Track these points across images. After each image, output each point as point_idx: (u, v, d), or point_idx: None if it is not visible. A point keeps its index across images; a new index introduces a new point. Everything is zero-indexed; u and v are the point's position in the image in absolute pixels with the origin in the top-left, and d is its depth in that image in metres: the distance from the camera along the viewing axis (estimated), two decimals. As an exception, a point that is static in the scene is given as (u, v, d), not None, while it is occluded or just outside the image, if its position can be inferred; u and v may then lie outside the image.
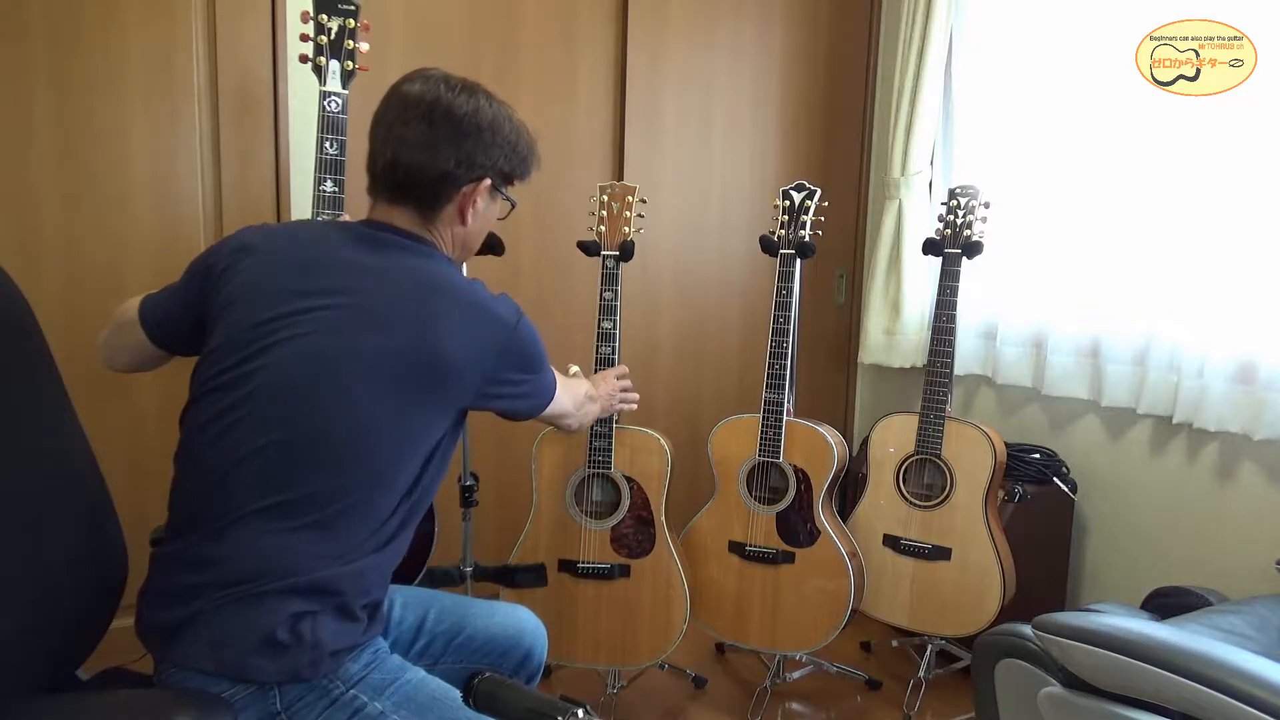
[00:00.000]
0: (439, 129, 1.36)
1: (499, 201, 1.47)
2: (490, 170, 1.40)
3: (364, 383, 1.24)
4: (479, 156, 1.38)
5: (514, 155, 1.43)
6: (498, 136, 1.40)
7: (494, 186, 1.42)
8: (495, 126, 1.39)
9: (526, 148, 1.46)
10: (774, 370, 2.26)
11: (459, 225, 1.41)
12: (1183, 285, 2.34)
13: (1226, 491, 2.34)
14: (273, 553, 1.20)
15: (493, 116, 1.40)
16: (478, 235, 1.47)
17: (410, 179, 1.36)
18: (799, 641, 2.30)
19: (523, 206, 2.74)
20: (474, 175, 1.38)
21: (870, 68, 3.21)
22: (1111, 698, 1.31)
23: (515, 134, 1.43)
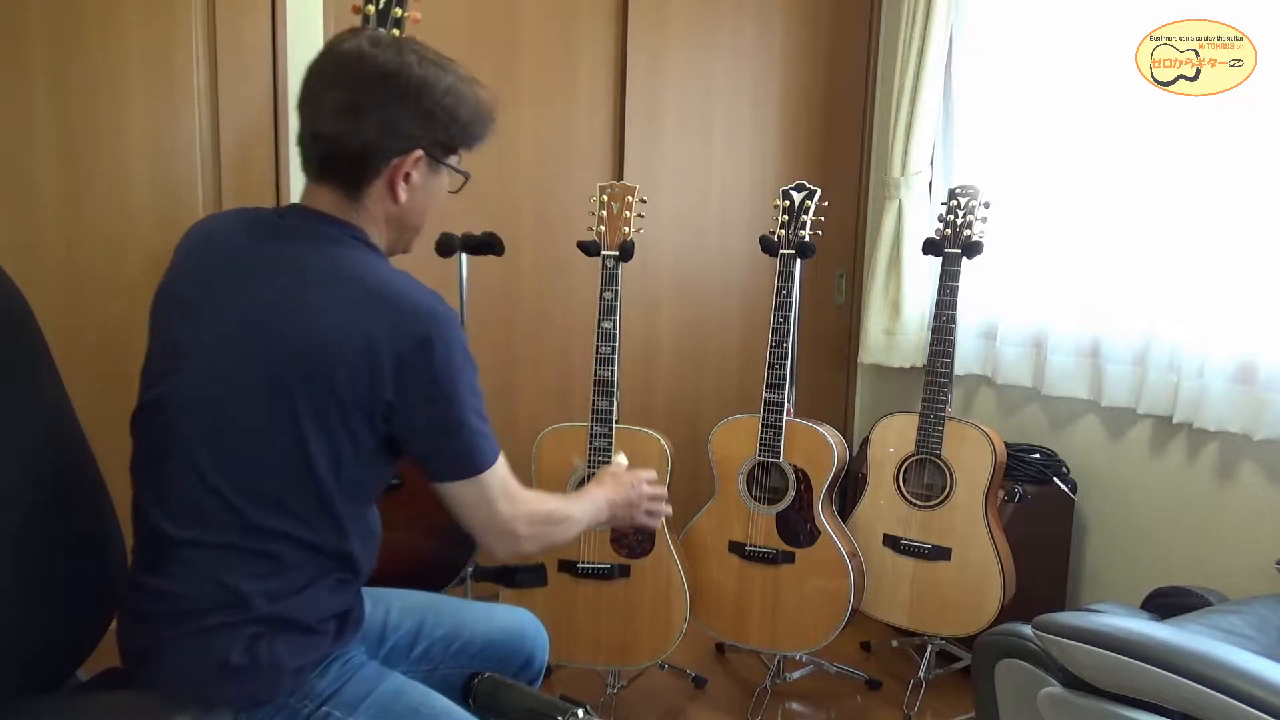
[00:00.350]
0: (358, 93, 1.19)
1: (443, 174, 1.29)
2: (423, 140, 1.23)
3: (256, 407, 1.15)
4: (406, 124, 1.21)
5: (452, 121, 1.25)
6: (428, 100, 1.22)
7: (432, 158, 1.25)
8: (425, 89, 1.21)
9: (470, 112, 1.26)
10: (774, 370, 2.26)
11: (390, 203, 1.24)
12: (1183, 285, 2.34)
13: (1226, 491, 2.34)
14: (221, 591, 1.15)
15: (422, 77, 1.21)
16: (419, 213, 1.29)
17: (331, 153, 1.21)
18: (799, 641, 2.30)
19: (523, 206, 2.77)
20: (402, 146, 1.21)
21: (870, 68, 3.21)
22: (1111, 698, 1.31)
23: (453, 96, 1.24)
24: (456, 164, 1.30)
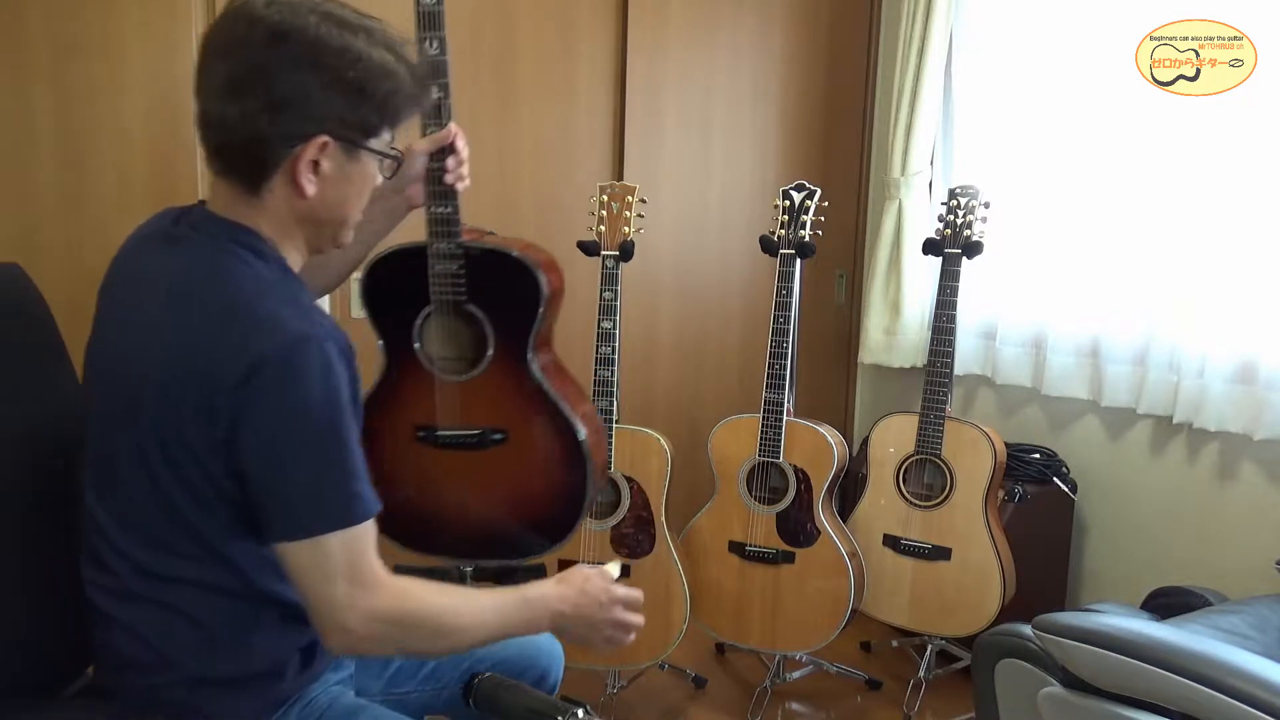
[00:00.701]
0: (242, 65, 1.00)
1: (365, 160, 1.08)
2: (328, 122, 1.02)
3: (120, 444, 1.05)
4: (304, 104, 1.01)
5: (364, 97, 1.03)
6: (329, 71, 1.01)
7: (346, 142, 1.05)
8: (325, 57, 1.00)
9: (389, 84, 1.05)
10: (774, 370, 2.26)
11: (297, 199, 1.05)
12: (1183, 285, 2.34)
13: (1227, 491, 2.34)
14: (145, 650, 1.07)
15: (320, 41, 1.00)
16: (337, 206, 1.09)
17: (220, 142, 1.03)
18: (799, 641, 2.30)
19: (523, 206, 2.77)
20: (301, 131, 1.02)
21: (870, 68, 3.21)
22: (1111, 698, 1.31)
23: (362, 66, 1.02)
24: (384, 145, 1.10)
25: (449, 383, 1.59)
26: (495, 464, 1.61)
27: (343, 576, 1.01)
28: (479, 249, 1.54)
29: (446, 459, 1.62)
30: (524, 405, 1.59)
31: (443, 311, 1.56)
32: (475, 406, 1.60)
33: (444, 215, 1.50)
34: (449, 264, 1.52)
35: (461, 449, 1.61)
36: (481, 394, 1.59)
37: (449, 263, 1.52)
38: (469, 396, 1.60)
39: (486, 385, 1.59)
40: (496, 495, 1.64)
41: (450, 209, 1.49)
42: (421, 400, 1.61)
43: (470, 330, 1.58)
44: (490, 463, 1.61)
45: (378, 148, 1.09)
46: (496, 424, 1.60)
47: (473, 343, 1.59)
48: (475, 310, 1.56)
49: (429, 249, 1.53)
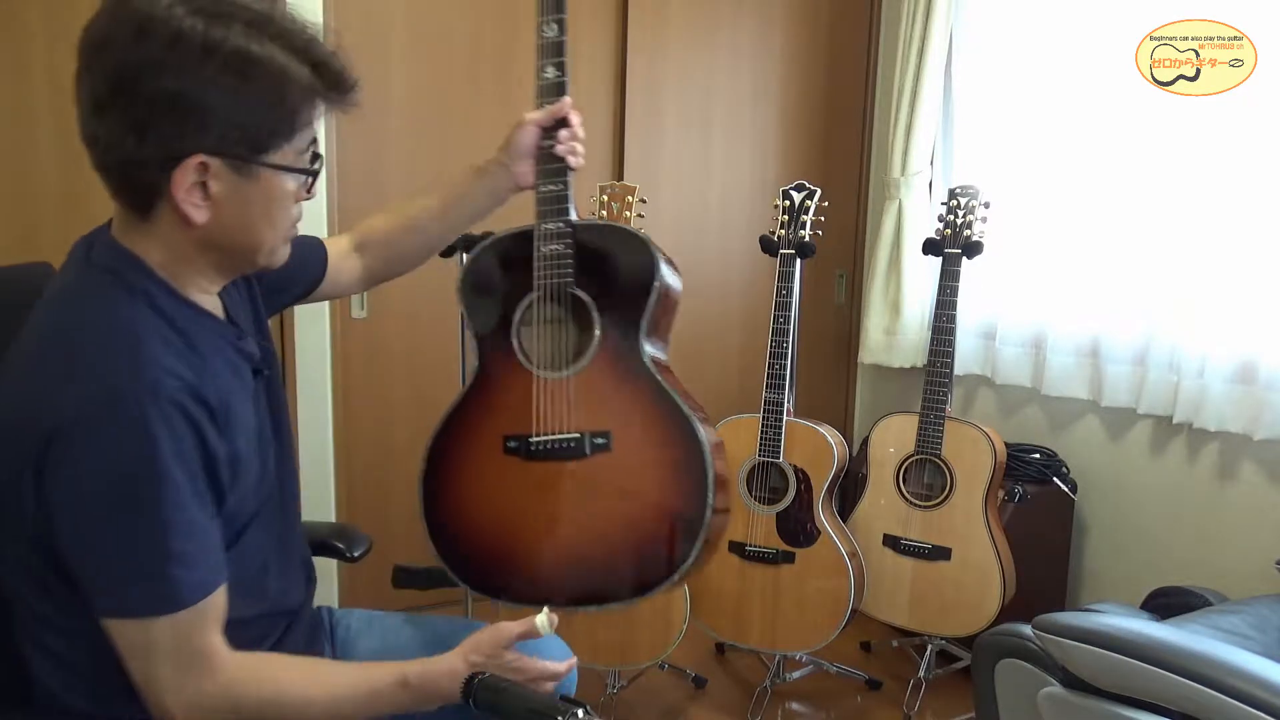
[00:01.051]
0: (106, 74, 0.86)
1: (267, 178, 0.93)
2: (204, 139, 0.87)
3: None
4: (169, 120, 0.86)
5: (242, 105, 0.88)
6: (195, 77, 0.85)
7: (233, 160, 0.90)
8: (187, 60, 0.84)
9: (275, 87, 0.88)
10: (774, 370, 2.26)
11: (186, 227, 0.92)
12: (1183, 285, 2.34)
13: (1227, 491, 2.34)
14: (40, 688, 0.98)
15: (180, 42, 0.84)
16: (244, 231, 0.95)
17: (98, 163, 0.91)
18: (799, 641, 2.30)
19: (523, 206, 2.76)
20: (172, 152, 0.87)
21: (870, 68, 3.21)
22: (1111, 698, 1.31)
23: (238, 65, 0.86)
24: (294, 156, 0.94)
25: (548, 381, 1.38)
26: (595, 477, 1.36)
27: (167, 660, 0.91)
28: (589, 224, 1.41)
29: (539, 474, 1.37)
30: (631, 402, 1.37)
31: (547, 299, 1.39)
32: (577, 408, 1.37)
33: (555, 193, 1.39)
34: (557, 244, 1.38)
35: (557, 458, 1.36)
36: (584, 393, 1.37)
37: (557, 243, 1.38)
38: (570, 396, 1.38)
39: (590, 382, 1.38)
40: (593, 517, 1.37)
41: (561, 186, 1.39)
42: (515, 406, 1.39)
43: (576, 321, 1.40)
44: (589, 476, 1.36)
45: (279, 162, 0.93)
46: (598, 426, 1.36)
47: (578, 334, 1.40)
48: (582, 294, 1.38)
49: (536, 229, 1.40)
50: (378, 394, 2.56)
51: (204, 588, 0.91)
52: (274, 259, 1.02)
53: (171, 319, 0.94)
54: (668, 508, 1.33)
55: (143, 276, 0.95)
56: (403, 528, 2.59)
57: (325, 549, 1.47)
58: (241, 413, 1.00)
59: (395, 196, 2.49)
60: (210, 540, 0.93)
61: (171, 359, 0.91)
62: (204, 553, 0.92)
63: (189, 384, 0.90)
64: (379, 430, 2.57)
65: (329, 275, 1.34)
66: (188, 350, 0.94)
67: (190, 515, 0.90)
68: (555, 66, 1.45)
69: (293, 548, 1.18)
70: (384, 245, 1.41)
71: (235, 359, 1.02)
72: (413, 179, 2.51)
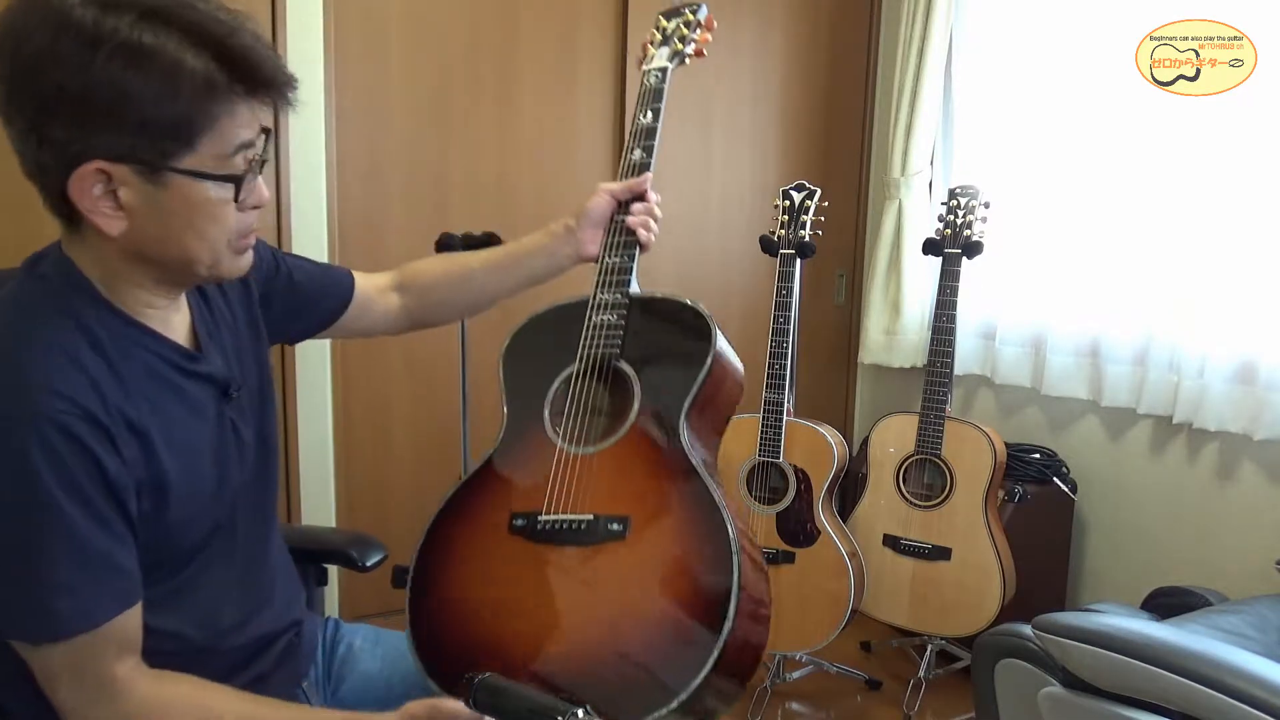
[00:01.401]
0: (9, 64, 0.82)
1: (182, 185, 0.86)
2: (96, 143, 0.82)
3: None
4: (60, 120, 0.81)
5: (144, 106, 0.81)
6: (79, 73, 0.79)
7: (139, 165, 0.84)
8: (72, 54, 0.78)
9: (166, 86, 0.81)
10: (774, 370, 2.26)
11: (107, 238, 0.88)
12: (1183, 285, 2.34)
13: (1226, 491, 2.34)
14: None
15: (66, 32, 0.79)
16: (165, 243, 0.89)
17: (21, 169, 0.88)
18: (799, 641, 2.30)
19: (523, 206, 2.77)
20: (67, 156, 0.83)
21: (870, 68, 3.21)
22: (1111, 698, 1.31)
23: (123, 60, 0.79)
24: (208, 165, 0.86)
25: (571, 456, 1.24)
26: (603, 568, 1.16)
27: (68, 685, 0.89)
28: (647, 296, 1.33)
29: (542, 558, 1.19)
30: (657, 488, 1.20)
31: (589, 370, 1.29)
32: (594, 489, 1.21)
33: (618, 265, 1.34)
34: (610, 315, 1.31)
35: (564, 542, 1.18)
36: (607, 472, 1.22)
37: (611, 313, 1.31)
38: (591, 475, 1.22)
39: (618, 462, 1.23)
40: (590, 615, 1.15)
41: (627, 259, 1.34)
42: (532, 482, 1.24)
43: (616, 396, 1.29)
44: (597, 566, 1.16)
45: (192, 167, 0.85)
46: (615, 510, 1.18)
47: (615, 410, 1.29)
48: (626, 367, 1.28)
49: (593, 297, 1.33)
50: (377, 395, 2.56)
51: (90, 616, 0.87)
52: (221, 271, 0.95)
53: (95, 337, 0.90)
54: (677, 618, 1.11)
55: (75, 290, 0.91)
56: (402, 528, 2.59)
57: (337, 558, 1.42)
58: (181, 436, 0.96)
59: (395, 196, 2.50)
60: (110, 566, 0.88)
61: (67, 381, 0.86)
62: (96, 581, 0.87)
63: (81, 406, 0.85)
64: (379, 431, 2.57)
65: (358, 309, 1.30)
66: (105, 370, 0.89)
67: (79, 543, 0.85)
68: (644, 150, 1.46)
69: (263, 572, 1.12)
70: (428, 289, 1.38)
71: (177, 379, 0.97)
72: (413, 179, 2.51)
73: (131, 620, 0.91)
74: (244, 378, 1.08)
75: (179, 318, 1.01)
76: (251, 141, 0.90)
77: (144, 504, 0.92)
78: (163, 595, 0.96)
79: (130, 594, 0.91)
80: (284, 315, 1.21)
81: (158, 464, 0.92)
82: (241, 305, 1.13)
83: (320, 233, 2.38)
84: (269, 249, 1.22)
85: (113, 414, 0.88)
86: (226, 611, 1.05)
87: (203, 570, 1.02)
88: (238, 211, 0.92)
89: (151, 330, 0.96)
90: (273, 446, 1.13)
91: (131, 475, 0.89)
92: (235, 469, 1.04)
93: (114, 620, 0.89)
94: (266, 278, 1.19)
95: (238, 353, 1.09)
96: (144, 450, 0.91)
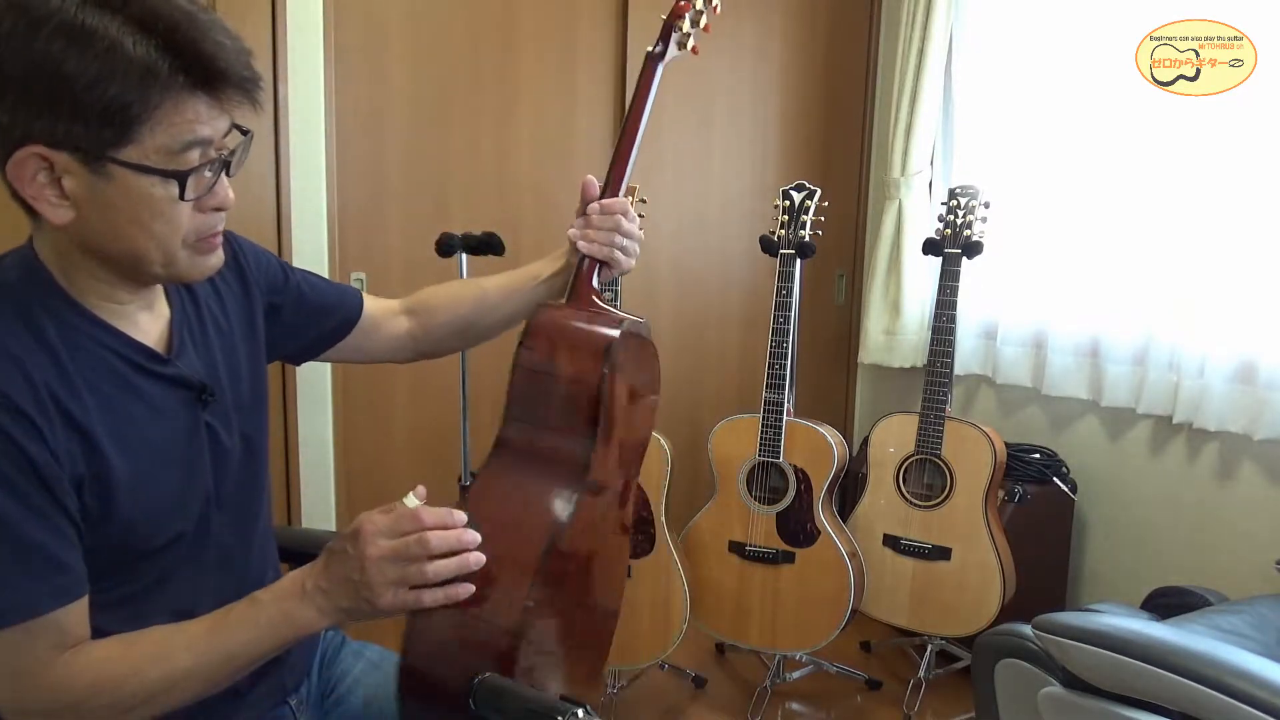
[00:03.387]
0: None
1: (126, 178, 0.84)
2: (34, 127, 0.81)
3: None
4: (2, 109, 0.81)
5: (80, 90, 0.79)
6: (15, 55, 0.78)
7: (79, 154, 0.82)
8: (19, 36, 0.78)
9: (111, 65, 0.79)
10: (774, 370, 2.26)
11: (53, 227, 0.87)
12: (1183, 285, 2.34)
13: (1226, 491, 2.34)
14: None
15: (12, 15, 0.78)
16: (113, 238, 0.88)
17: None
18: (799, 641, 2.30)
19: (523, 206, 2.77)
20: (8, 140, 0.82)
21: (870, 68, 3.21)
22: (1111, 698, 1.31)
23: (64, 39, 0.78)
24: (152, 159, 0.84)
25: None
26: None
27: (3, 678, 0.87)
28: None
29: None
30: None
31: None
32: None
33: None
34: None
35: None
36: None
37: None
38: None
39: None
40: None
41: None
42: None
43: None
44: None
45: (134, 159, 0.83)
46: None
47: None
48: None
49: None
50: (377, 395, 2.56)
51: (19, 610, 0.84)
52: (180, 270, 0.93)
53: (39, 326, 0.88)
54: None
55: (30, 278, 0.90)
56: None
57: None
58: (135, 435, 0.93)
59: (395, 196, 2.50)
60: (44, 558, 0.86)
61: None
62: (29, 574, 0.85)
63: (3, 395, 0.83)
64: (379, 432, 2.57)
65: (364, 330, 1.28)
66: (44, 361, 0.87)
67: (9, 534, 0.84)
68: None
69: (243, 580, 1.08)
70: (436, 311, 1.35)
71: (136, 379, 0.95)
72: (413, 179, 2.51)
73: (71, 616, 0.88)
74: (230, 382, 1.06)
75: (149, 316, 0.99)
76: (209, 139, 0.87)
77: (87, 500, 0.89)
78: (121, 599, 0.94)
79: (69, 589, 0.88)
80: (290, 328, 1.20)
81: (102, 461, 0.90)
82: (240, 312, 1.12)
83: (320, 233, 2.38)
84: (279, 262, 1.21)
85: (44, 405, 0.86)
86: (197, 618, 1.01)
87: (167, 576, 0.99)
88: (196, 211, 0.90)
89: (110, 326, 0.94)
90: (258, 451, 1.11)
91: (65, 468, 0.87)
92: (208, 475, 1.02)
93: (50, 615, 0.86)
94: (274, 288, 1.18)
95: (225, 356, 1.07)
96: (84, 445, 0.89)
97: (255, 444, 1.10)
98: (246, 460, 1.09)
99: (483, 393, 2.32)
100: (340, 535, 0.94)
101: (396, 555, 0.90)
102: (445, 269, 2.11)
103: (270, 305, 1.17)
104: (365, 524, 0.91)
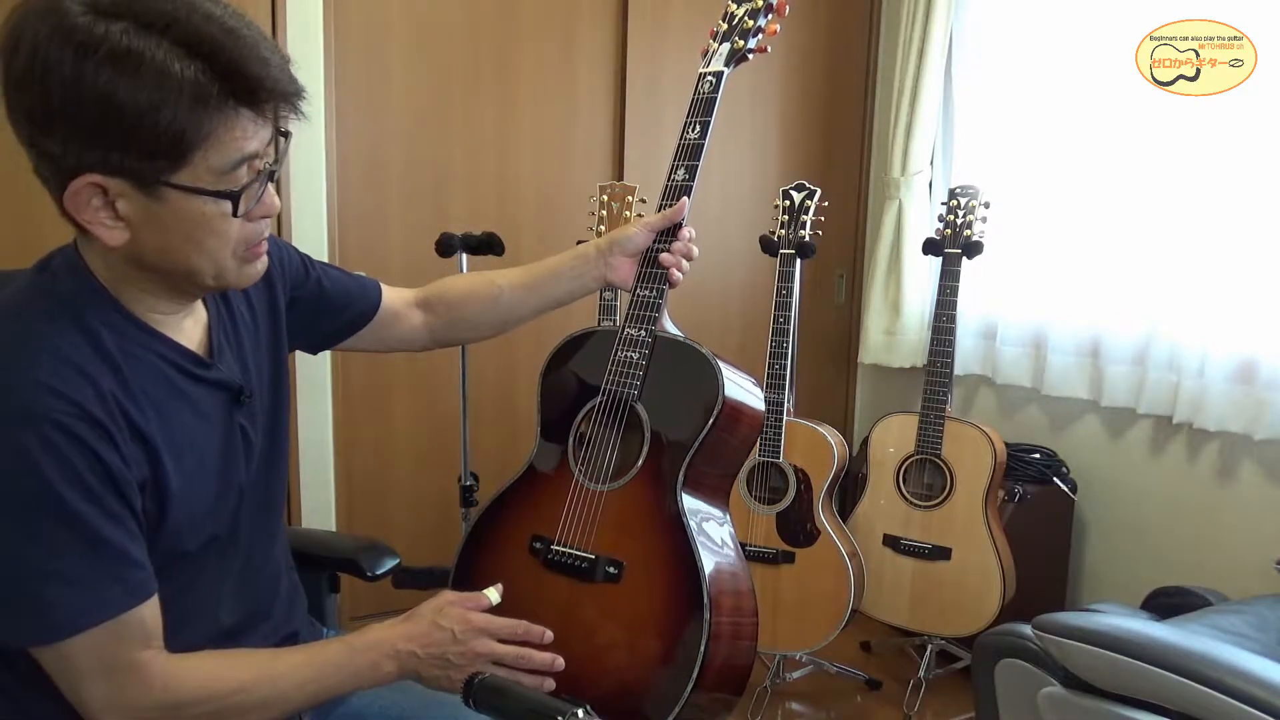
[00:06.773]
0: (17, 65, 0.80)
1: (178, 200, 0.85)
2: (87, 155, 0.81)
3: None
4: (54, 131, 0.80)
5: (131, 117, 0.78)
6: (68, 85, 0.77)
7: (132, 179, 0.83)
8: (61, 64, 0.77)
9: (152, 100, 0.78)
10: (774, 370, 2.26)
11: (108, 247, 0.87)
12: (1183, 285, 2.34)
13: (1226, 491, 2.34)
14: None
15: (59, 37, 0.77)
16: (166, 255, 0.88)
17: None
18: (799, 641, 2.30)
19: (523, 206, 2.77)
20: (64, 166, 0.82)
21: (870, 68, 3.21)
22: (1111, 698, 1.31)
23: (113, 73, 0.77)
24: (204, 180, 0.84)
25: (585, 490, 1.33)
26: (599, 605, 1.28)
27: (93, 676, 0.88)
28: (666, 337, 1.34)
29: (550, 584, 1.30)
30: (652, 541, 1.28)
31: (609, 406, 1.34)
32: (602, 528, 1.30)
33: (648, 299, 1.35)
34: (633, 352, 1.33)
35: (568, 574, 1.30)
36: (614, 514, 1.31)
37: (634, 351, 1.33)
38: (601, 514, 1.31)
39: (624, 504, 1.31)
40: (584, 645, 1.24)
41: (656, 294, 1.35)
42: (550, 505, 1.34)
43: (629, 436, 1.33)
44: (595, 603, 1.28)
45: (185, 182, 0.84)
46: (615, 554, 1.28)
47: (628, 450, 1.34)
48: (641, 411, 1.32)
49: (620, 330, 1.35)
50: (377, 395, 2.56)
51: (106, 609, 0.87)
52: (229, 280, 0.94)
53: (98, 337, 0.89)
54: (656, 661, 1.23)
55: (83, 289, 0.91)
56: (402, 529, 2.59)
57: (347, 567, 1.37)
58: (187, 442, 0.95)
59: (395, 196, 2.50)
60: (124, 559, 0.88)
61: (64, 381, 0.84)
62: (111, 575, 0.87)
63: (78, 405, 0.84)
64: (379, 433, 2.57)
65: (382, 322, 1.30)
66: (107, 371, 0.88)
67: (90, 538, 0.85)
68: (687, 169, 1.48)
69: (261, 580, 1.11)
70: (454, 305, 1.38)
71: (186, 385, 0.96)
72: (413, 179, 2.51)
73: (149, 611, 0.91)
74: (259, 382, 1.08)
75: (192, 322, 1.00)
76: (257, 153, 0.88)
77: (147, 505, 0.91)
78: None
79: (145, 585, 0.91)
80: (309, 319, 1.21)
81: (161, 469, 0.92)
82: (265, 309, 1.13)
83: (320, 233, 2.38)
84: (300, 255, 1.22)
85: (113, 414, 0.87)
86: (220, 618, 1.04)
87: (196, 579, 1.00)
88: (245, 222, 0.91)
89: (161, 334, 0.95)
90: (282, 449, 1.13)
91: (134, 473, 0.89)
92: (240, 473, 1.04)
93: (132, 611, 0.89)
94: (296, 283, 1.19)
95: (255, 357, 1.09)
96: (147, 454, 0.91)
97: (279, 441, 1.12)
98: (272, 458, 1.10)
99: (483, 392, 2.32)
100: (440, 609, 1.02)
101: (496, 659, 1.02)
102: (445, 269, 2.11)
103: (291, 299, 1.18)
104: (476, 618, 1.02)
